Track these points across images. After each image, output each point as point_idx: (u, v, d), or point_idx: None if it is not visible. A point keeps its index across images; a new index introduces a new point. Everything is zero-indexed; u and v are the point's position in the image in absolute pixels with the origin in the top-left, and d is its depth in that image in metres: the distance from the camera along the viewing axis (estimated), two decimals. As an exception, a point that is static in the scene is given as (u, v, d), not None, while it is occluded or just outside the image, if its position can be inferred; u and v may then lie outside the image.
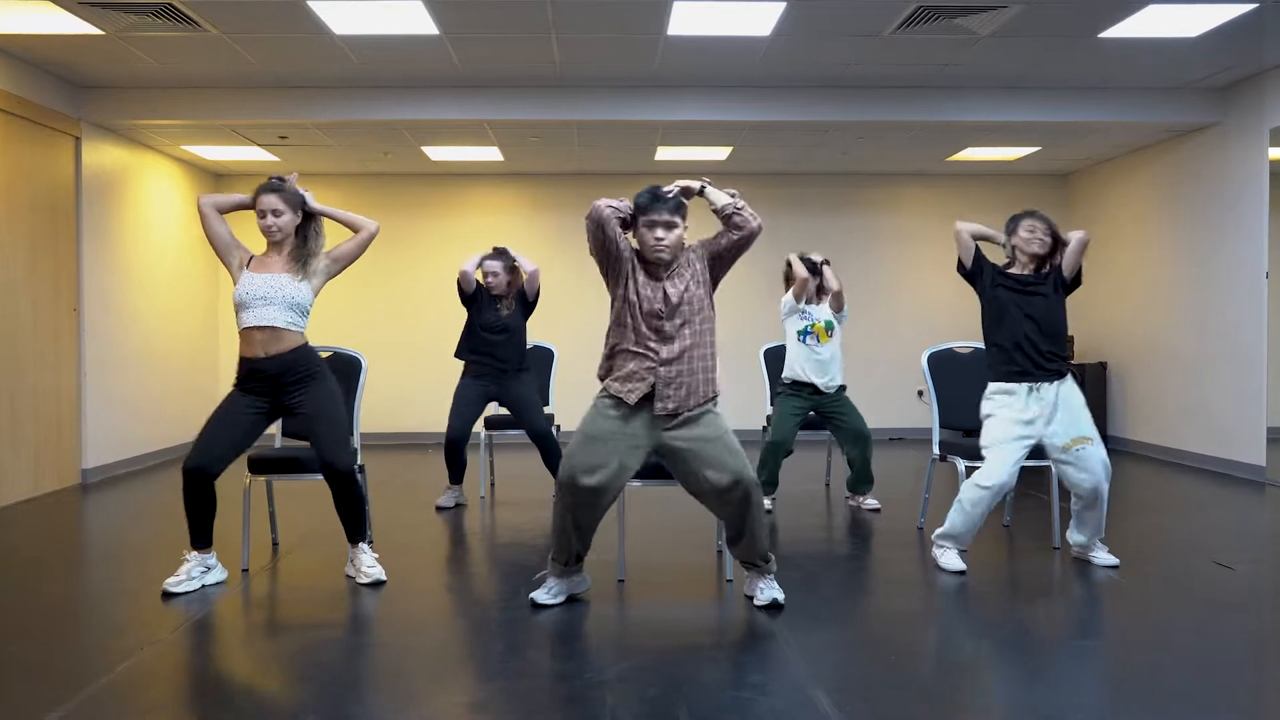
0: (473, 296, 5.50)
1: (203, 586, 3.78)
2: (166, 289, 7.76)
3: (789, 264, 5.37)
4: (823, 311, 5.34)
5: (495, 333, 5.44)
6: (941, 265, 9.05)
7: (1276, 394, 6.27)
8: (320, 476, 4.04)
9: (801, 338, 5.29)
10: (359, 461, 4.13)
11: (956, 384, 4.82)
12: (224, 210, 3.77)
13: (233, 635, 3.32)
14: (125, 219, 7.11)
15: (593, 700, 2.65)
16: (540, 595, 3.58)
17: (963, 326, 8.61)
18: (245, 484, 4.12)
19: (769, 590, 3.53)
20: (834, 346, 5.31)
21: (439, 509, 5.53)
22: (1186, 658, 2.98)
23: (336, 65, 5.97)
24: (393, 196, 8.94)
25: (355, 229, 3.84)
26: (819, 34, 5.43)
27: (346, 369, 4.39)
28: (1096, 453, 4.00)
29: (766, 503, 5.51)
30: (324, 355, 4.39)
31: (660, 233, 3.37)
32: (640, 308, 3.39)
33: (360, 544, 3.92)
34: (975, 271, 4.16)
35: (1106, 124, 6.82)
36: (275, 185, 3.75)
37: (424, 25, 5.21)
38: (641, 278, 3.41)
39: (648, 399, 3.38)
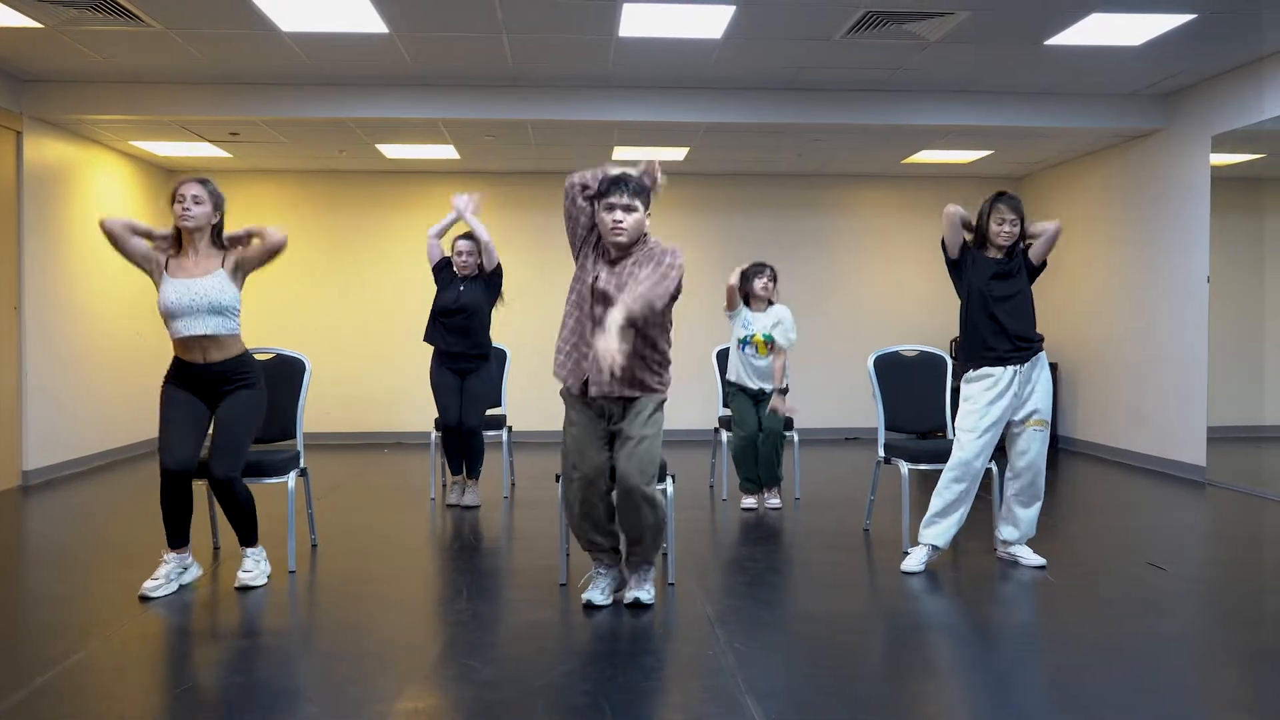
0: (436, 268, 5.47)
1: (179, 587, 3.81)
2: (113, 286, 7.60)
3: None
4: (762, 324, 5.37)
5: (449, 315, 5.36)
6: (898, 265, 9.13)
7: (1217, 396, 6.40)
8: (273, 480, 4.13)
9: (741, 346, 5.39)
10: (302, 467, 4.08)
11: (903, 387, 4.88)
12: (135, 232, 3.71)
13: (165, 644, 3.27)
14: (70, 215, 6.97)
15: (523, 707, 2.64)
16: (593, 596, 3.55)
17: (919, 326, 8.70)
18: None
19: (635, 589, 3.56)
20: (771, 359, 5.35)
21: (449, 506, 5.54)
22: (1119, 661, 3.03)
23: (286, 62, 5.90)
24: (348, 194, 8.85)
25: (264, 239, 3.77)
26: (770, 37, 5.45)
27: (289, 371, 4.35)
28: (1043, 437, 4.12)
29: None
30: (266, 358, 4.36)
31: (619, 215, 3.36)
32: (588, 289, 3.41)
33: (246, 549, 3.93)
34: (960, 261, 4.20)
35: (1055, 129, 6.92)
36: (201, 178, 3.75)
37: (372, 23, 5.16)
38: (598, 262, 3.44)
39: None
